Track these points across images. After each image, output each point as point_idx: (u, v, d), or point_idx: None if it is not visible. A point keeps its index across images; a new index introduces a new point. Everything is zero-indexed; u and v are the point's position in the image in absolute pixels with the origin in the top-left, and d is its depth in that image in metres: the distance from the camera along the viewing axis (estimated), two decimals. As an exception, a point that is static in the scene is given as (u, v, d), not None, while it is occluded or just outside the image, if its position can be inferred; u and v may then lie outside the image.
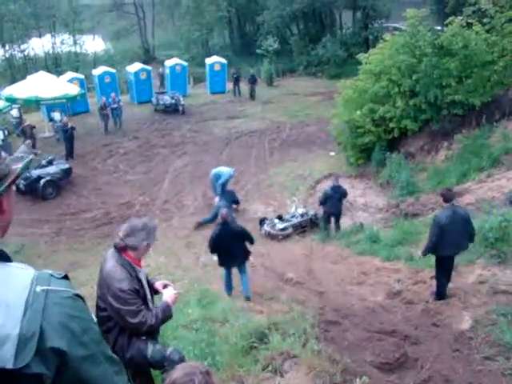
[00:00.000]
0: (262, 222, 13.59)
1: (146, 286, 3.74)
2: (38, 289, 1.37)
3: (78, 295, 1.47)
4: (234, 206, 14.25)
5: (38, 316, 1.32)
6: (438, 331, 6.14)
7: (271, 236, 13.05)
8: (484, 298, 6.79)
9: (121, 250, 3.60)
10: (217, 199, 14.03)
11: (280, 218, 13.65)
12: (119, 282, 3.50)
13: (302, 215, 13.64)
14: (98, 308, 3.61)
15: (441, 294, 7.60)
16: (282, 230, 13.19)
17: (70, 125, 19.28)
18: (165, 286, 3.93)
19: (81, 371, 1.38)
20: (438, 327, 6.31)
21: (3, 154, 1.50)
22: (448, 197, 7.42)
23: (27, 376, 1.27)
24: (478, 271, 7.81)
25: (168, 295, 3.84)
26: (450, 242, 7.26)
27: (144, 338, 3.72)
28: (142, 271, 3.73)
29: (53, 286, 1.40)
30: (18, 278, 1.40)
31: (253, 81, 28.75)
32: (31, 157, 1.57)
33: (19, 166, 1.52)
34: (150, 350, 3.73)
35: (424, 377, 4.90)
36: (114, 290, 3.49)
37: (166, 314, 3.73)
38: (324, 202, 12.72)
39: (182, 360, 3.89)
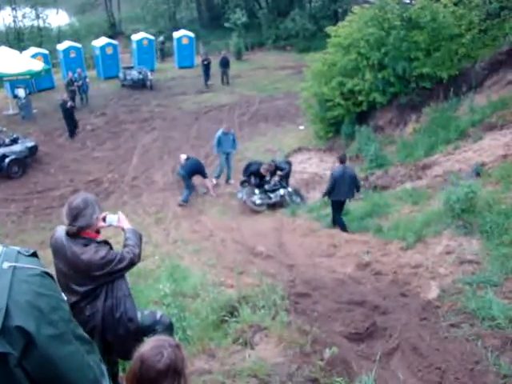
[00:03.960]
0: (242, 183, 13.45)
1: None
2: (5, 265, 1.31)
3: (46, 273, 1.41)
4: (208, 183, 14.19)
5: (5, 293, 1.26)
6: (406, 301, 6.23)
7: (245, 204, 13.01)
8: (451, 268, 6.89)
9: (76, 234, 3.47)
10: (223, 157, 14.60)
11: (261, 186, 13.27)
12: (96, 254, 3.45)
13: (282, 195, 13.24)
14: (84, 286, 3.50)
15: (342, 225, 10.54)
16: (259, 205, 13.10)
17: (69, 103, 18.85)
18: (103, 219, 3.73)
19: (49, 351, 1.33)
20: (406, 297, 6.40)
21: None
22: (342, 159, 10.54)
23: None
24: (445, 242, 7.93)
25: (119, 222, 3.87)
26: (339, 190, 10.33)
27: (127, 293, 3.67)
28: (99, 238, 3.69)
29: (20, 262, 1.35)
30: None
31: (224, 64, 25.82)
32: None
33: None
34: (139, 315, 3.72)
35: (392, 345, 4.98)
36: (96, 263, 3.43)
37: (137, 236, 3.86)
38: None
39: (171, 324, 3.97)
